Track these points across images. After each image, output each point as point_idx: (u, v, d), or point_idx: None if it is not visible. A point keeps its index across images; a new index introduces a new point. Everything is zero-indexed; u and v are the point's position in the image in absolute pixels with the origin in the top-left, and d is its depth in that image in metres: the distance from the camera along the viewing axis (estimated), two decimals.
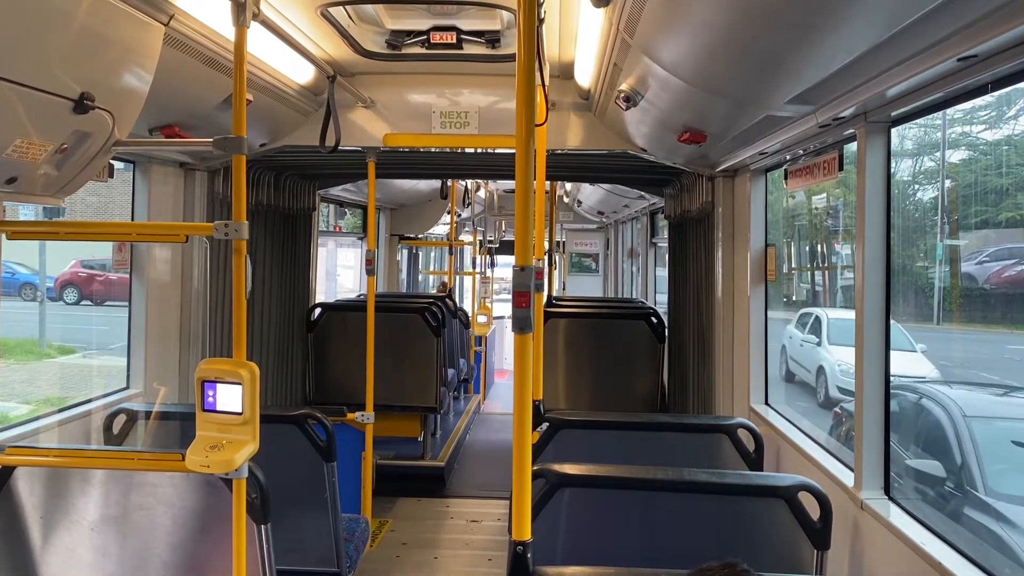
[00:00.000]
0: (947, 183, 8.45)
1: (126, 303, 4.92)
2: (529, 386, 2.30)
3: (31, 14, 2.23)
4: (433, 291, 13.37)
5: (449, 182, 10.00)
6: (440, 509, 6.86)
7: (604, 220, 14.57)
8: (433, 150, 6.11)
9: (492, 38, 4.26)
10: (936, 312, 8.79)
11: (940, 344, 9.16)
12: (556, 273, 12.70)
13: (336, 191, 8.17)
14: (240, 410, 2.71)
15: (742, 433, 3.71)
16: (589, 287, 16.28)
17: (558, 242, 14.08)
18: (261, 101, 4.25)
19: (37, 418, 4.02)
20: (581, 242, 17.05)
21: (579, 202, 13.06)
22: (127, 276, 4.89)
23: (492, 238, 13.68)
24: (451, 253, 11.11)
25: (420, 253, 14.76)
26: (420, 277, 14.52)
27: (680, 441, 3.83)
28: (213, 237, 2.79)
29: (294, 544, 3.91)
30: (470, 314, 11.02)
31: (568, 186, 12.06)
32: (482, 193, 12.42)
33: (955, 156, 8.34)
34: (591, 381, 6.58)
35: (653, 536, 2.96)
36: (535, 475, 2.70)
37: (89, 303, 15.47)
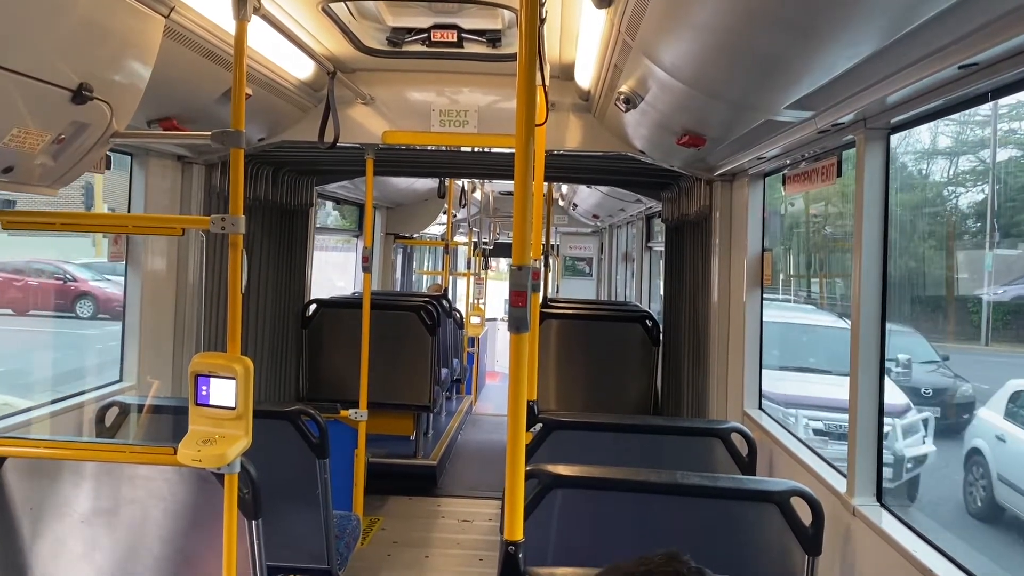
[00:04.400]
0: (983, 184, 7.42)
1: (53, 314, 4.79)
2: (524, 386, 2.30)
3: (31, 3, 2.22)
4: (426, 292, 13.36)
5: (447, 181, 10.01)
6: (431, 508, 6.86)
7: (599, 224, 14.57)
8: (432, 148, 6.11)
9: (493, 37, 4.25)
10: (984, 331, 7.16)
11: (994, 371, 7.00)
12: (550, 276, 12.69)
13: (333, 187, 8.16)
14: (233, 405, 2.70)
15: (735, 437, 3.71)
16: (582, 291, 16.28)
17: (552, 245, 14.06)
18: (260, 96, 4.23)
19: (28, 409, 4.01)
20: (575, 246, 17.05)
21: (575, 205, 13.05)
22: (49, 282, 4.80)
23: (486, 240, 13.68)
24: (447, 253, 11.10)
25: (415, 254, 14.72)
26: (414, 277, 14.49)
27: (674, 444, 3.83)
28: (209, 231, 2.78)
29: (285, 540, 3.90)
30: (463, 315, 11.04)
31: (564, 189, 12.06)
32: (478, 194, 12.41)
33: (1000, 155, 7.44)
34: (584, 383, 6.58)
35: (645, 538, 2.95)
36: (528, 475, 2.69)
37: (10, 313, 12.41)
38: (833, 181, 3.72)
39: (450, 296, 11.28)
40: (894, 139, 3.26)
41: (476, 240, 13.20)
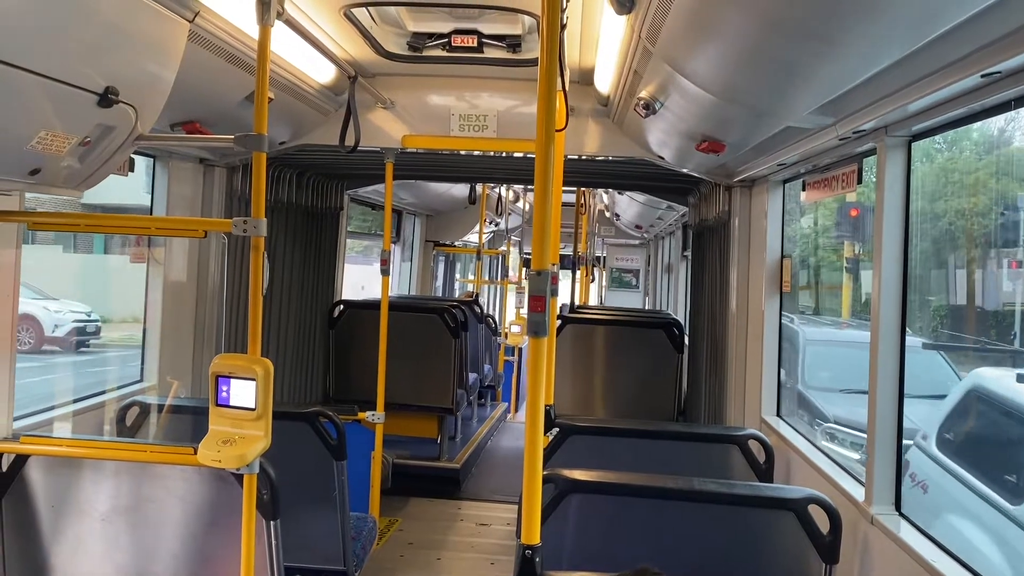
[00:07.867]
0: None
1: None
2: (542, 390, 2.31)
3: (58, 8, 2.25)
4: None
5: (479, 189, 10.03)
6: (451, 511, 6.87)
7: (644, 235, 14.55)
8: (448, 152, 6.12)
9: (513, 42, 4.27)
10: None
11: None
12: (593, 287, 12.64)
13: (368, 191, 8.13)
14: (253, 406, 2.72)
15: (753, 444, 3.70)
16: (627, 303, 16.25)
17: (598, 256, 13.98)
18: (282, 99, 4.27)
19: (51, 408, 4.05)
20: (623, 257, 17.11)
21: (617, 216, 13.02)
22: None
23: (529, 251, 13.70)
24: (478, 259, 11.16)
25: (458, 262, 14.69)
26: (457, 285, 14.49)
27: (690, 450, 3.82)
28: (231, 233, 2.81)
29: (302, 541, 3.92)
30: (502, 323, 11.01)
31: (606, 199, 12.04)
32: (521, 204, 12.42)
33: None
34: (609, 388, 6.59)
35: (661, 544, 2.95)
36: (545, 480, 2.70)
37: None
38: (853, 188, 3.71)
39: (486, 303, 11.27)
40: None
41: (519, 250, 13.23)
